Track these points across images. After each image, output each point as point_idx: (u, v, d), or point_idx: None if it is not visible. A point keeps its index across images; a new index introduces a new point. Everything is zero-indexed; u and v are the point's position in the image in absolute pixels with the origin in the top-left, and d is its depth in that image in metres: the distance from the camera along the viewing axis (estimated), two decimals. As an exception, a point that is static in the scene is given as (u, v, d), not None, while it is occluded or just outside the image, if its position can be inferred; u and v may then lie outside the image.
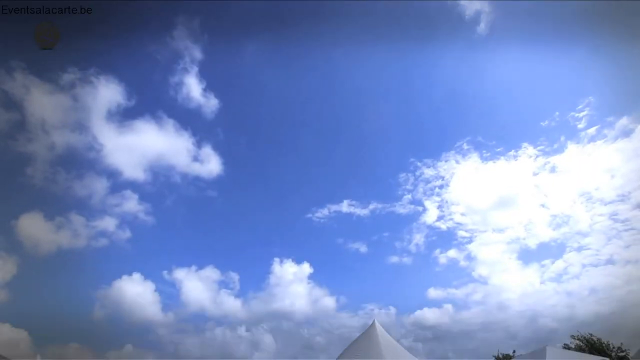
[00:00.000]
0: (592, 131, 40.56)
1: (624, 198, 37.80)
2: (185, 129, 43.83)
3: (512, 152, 44.04)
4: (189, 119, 45.34)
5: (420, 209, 45.07)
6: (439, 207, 44.75)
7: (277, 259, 41.83)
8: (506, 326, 37.14)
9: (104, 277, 39.89)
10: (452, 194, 45.22)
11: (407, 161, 48.68)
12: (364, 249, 45.57)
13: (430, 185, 45.98)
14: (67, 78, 37.48)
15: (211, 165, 44.48)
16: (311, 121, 53.37)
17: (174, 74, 44.06)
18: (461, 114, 51.32)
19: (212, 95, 44.41)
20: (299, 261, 41.61)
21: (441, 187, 45.69)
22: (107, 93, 39.24)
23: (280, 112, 51.66)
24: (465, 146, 45.56)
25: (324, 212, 46.04)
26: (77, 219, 37.88)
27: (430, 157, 47.01)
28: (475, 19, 41.45)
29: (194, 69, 43.92)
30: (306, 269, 40.99)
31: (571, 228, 40.25)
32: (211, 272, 40.61)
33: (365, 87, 51.02)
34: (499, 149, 45.00)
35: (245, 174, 51.79)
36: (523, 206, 43.47)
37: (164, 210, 44.54)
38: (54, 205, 37.82)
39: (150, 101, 44.40)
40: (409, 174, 46.68)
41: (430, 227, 44.30)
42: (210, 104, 44.52)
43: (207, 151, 44.84)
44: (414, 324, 38.56)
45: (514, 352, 30.45)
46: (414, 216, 45.56)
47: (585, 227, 39.46)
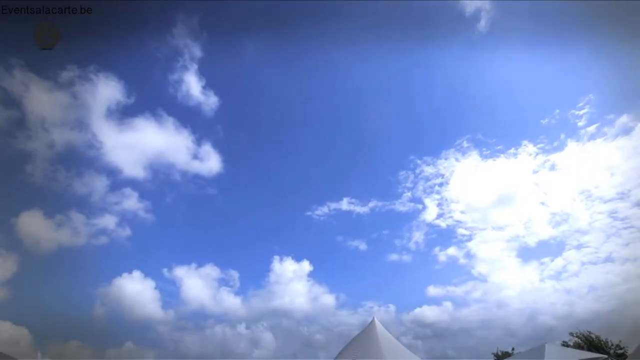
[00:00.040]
0: (592, 129, 40.69)
1: (623, 196, 37.95)
2: (185, 126, 43.90)
3: (512, 150, 44.19)
4: (188, 117, 45.21)
5: (420, 206, 45.29)
6: (439, 205, 44.97)
7: (276, 257, 42.08)
8: (505, 324, 37.39)
9: (104, 274, 39.98)
10: (451, 191, 45.43)
11: (406, 159, 48.86)
12: (363, 246, 45.80)
13: (430, 183, 46.17)
14: (67, 76, 37.52)
15: (211, 163, 44.60)
16: (311, 120, 53.49)
17: (173, 71, 44.11)
18: (461, 112, 51.45)
19: (211, 93, 44.48)
20: (298, 259, 41.84)
21: (441, 185, 45.87)
22: (107, 91, 39.27)
23: (280, 110, 51.74)
24: (465, 144, 45.70)
25: (324, 210, 46.23)
26: (77, 217, 38.02)
27: (430, 155, 47.11)
28: (476, 18, 41.49)
29: (194, 67, 43.93)
30: (306, 266, 41.19)
31: (570, 226, 40.42)
32: (211, 269, 40.80)
33: (365, 86, 51.11)
34: (498, 147, 45.15)
35: (245, 171, 52.02)
36: (523, 204, 43.68)
37: (164, 208, 44.70)
38: (54, 203, 37.96)
39: (150, 99, 44.40)
40: (409, 172, 46.86)
41: (430, 225, 44.50)
42: (209, 101, 44.57)
43: (207, 149, 44.94)
44: (414, 321, 38.82)
45: (513, 349, 30.69)
46: (414, 214, 45.79)
47: (584, 225, 39.63)
